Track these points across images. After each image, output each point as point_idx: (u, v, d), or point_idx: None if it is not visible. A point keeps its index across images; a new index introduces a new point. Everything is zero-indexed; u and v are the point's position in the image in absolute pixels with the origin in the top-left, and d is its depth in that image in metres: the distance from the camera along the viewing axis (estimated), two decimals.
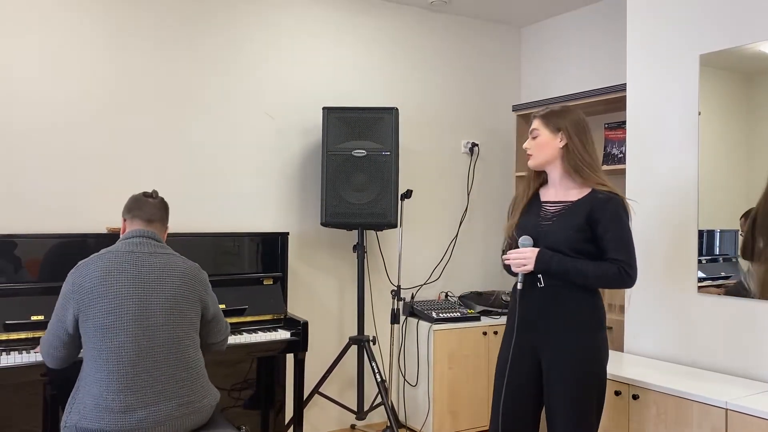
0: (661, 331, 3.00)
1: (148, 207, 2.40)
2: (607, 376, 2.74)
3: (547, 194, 2.43)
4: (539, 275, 2.32)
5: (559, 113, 2.37)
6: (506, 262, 2.38)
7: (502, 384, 2.37)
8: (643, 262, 3.08)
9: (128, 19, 3.40)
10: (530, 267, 2.28)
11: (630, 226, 2.28)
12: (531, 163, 2.42)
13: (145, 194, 2.46)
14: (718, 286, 2.78)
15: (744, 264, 2.70)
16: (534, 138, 2.39)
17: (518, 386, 2.35)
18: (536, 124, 2.40)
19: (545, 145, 2.36)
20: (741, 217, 2.70)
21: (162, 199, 2.49)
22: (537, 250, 2.28)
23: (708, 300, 2.83)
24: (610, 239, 2.25)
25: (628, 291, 3.14)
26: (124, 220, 2.42)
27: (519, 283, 2.33)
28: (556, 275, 2.27)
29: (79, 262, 2.29)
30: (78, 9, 3.28)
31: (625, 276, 2.24)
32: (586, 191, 2.33)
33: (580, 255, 2.27)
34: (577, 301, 2.28)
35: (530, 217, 2.41)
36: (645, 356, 3.06)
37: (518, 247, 2.35)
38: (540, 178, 2.48)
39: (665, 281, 2.99)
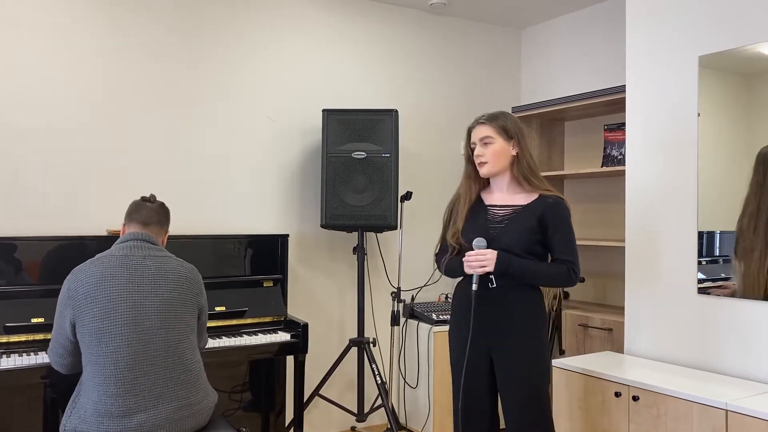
0: (661, 333, 3.00)
1: (145, 210, 2.41)
2: (614, 379, 2.75)
3: (492, 198, 2.48)
4: (491, 276, 2.37)
5: (505, 119, 2.42)
6: (465, 263, 2.38)
7: (459, 384, 2.45)
8: (643, 263, 3.08)
9: (129, 21, 3.41)
10: (490, 268, 2.33)
11: (573, 228, 2.42)
12: (485, 171, 2.43)
13: (143, 199, 2.47)
14: (717, 287, 2.78)
15: (733, 262, 2.74)
16: (487, 145, 2.40)
17: (473, 382, 2.44)
18: (488, 131, 2.40)
19: (500, 154, 2.40)
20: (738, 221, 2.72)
21: (162, 203, 2.49)
22: (496, 252, 2.33)
23: (708, 301, 2.83)
24: (558, 241, 2.37)
25: (626, 291, 3.14)
26: (124, 225, 2.43)
27: (474, 284, 2.35)
28: (514, 276, 2.35)
29: (74, 268, 2.28)
30: (79, 11, 3.28)
31: (573, 275, 2.38)
32: (534, 195, 2.42)
33: (531, 255, 2.37)
34: (525, 299, 2.39)
35: (478, 221, 2.44)
36: (645, 357, 3.06)
37: (472, 249, 2.37)
38: (481, 182, 2.52)
39: (665, 282, 2.99)
